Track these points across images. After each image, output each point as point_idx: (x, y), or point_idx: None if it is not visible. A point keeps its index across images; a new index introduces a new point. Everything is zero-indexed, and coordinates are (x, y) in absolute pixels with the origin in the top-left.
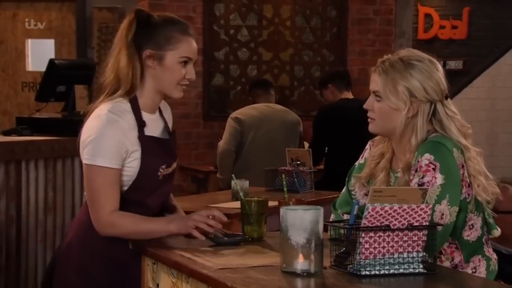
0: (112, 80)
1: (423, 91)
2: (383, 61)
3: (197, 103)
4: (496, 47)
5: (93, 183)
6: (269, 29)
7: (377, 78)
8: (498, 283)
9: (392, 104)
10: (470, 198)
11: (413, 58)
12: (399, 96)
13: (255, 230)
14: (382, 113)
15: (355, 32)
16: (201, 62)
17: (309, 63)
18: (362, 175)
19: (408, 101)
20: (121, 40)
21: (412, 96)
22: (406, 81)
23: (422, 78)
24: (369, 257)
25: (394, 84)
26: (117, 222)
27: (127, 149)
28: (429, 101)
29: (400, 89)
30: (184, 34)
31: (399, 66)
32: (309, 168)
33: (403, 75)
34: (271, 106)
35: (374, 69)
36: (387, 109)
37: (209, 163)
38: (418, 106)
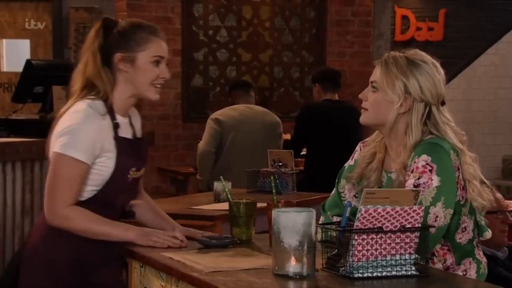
0: (80, 87)
1: (418, 90)
2: (388, 55)
3: (176, 104)
4: (472, 49)
5: (59, 173)
6: (248, 30)
7: (378, 68)
8: (489, 285)
9: (386, 96)
10: (464, 200)
11: (417, 58)
12: (394, 89)
13: (243, 232)
14: (375, 103)
15: (334, 34)
16: (179, 63)
17: (288, 64)
18: (353, 175)
19: (402, 96)
20: (88, 48)
21: (407, 93)
22: (404, 77)
23: (421, 77)
24: (361, 259)
25: (392, 77)
26: (71, 216)
27: (102, 146)
28: (424, 101)
29: (396, 83)
30: (153, 35)
31: (402, 62)
32: (291, 170)
33: (403, 70)
34: (251, 107)
35: (377, 61)
36: (380, 100)
37: (189, 164)
38: (412, 104)
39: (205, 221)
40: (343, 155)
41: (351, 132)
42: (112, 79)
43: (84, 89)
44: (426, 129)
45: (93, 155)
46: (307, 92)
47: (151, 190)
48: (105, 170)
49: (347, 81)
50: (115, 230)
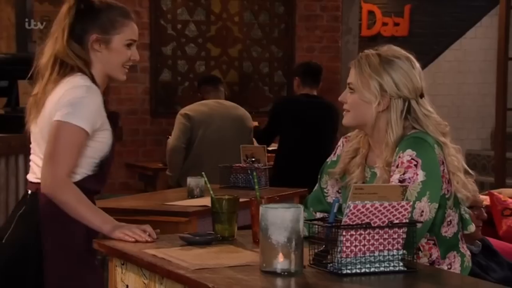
0: (52, 62)
1: (394, 87)
2: (361, 55)
3: (144, 99)
4: (436, 44)
5: (62, 140)
6: (217, 25)
7: (353, 70)
8: (476, 280)
9: (363, 97)
10: (449, 194)
11: (390, 54)
12: (370, 89)
13: (226, 229)
14: (354, 105)
15: (303, 29)
16: (148, 58)
17: (257, 59)
18: (336, 170)
19: (378, 95)
20: (60, 24)
21: (383, 91)
22: (378, 75)
23: (395, 74)
24: (350, 256)
25: (367, 77)
26: (69, 187)
27: (102, 119)
28: (402, 97)
29: (371, 83)
30: (127, 17)
31: (375, 60)
32: (264, 165)
33: (376, 69)
34: (221, 103)
35: (352, 62)
36: (358, 101)
37: (157, 160)
38: (389, 101)
39: (180, 217)
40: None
41: (323, 129)
42: (84, 57)
43: (55, 65)
44: (408, 124)
45: (94, 127)
46: (276, 87)
47: (119, 186)
48: (106, 143)
49: None
50: (94, 219)
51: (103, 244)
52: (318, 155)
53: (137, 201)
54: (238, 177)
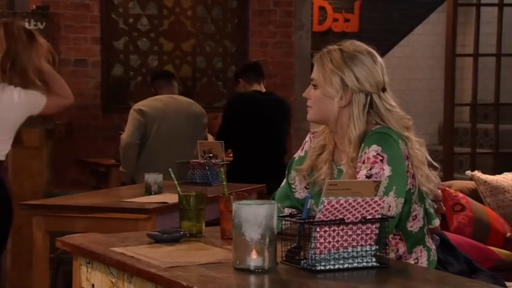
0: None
1: (355, 82)
2: (324, 51)
3: (95, 94)
4: (385, 40)
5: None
6: (170, 19)
7: (316, 65)
8: (451, 275)
9: (325, 92)
10: (414, 189)
11: (352, 49)
12: (332, 84)
13: (194, 226)
14: (316, 100)
15: (256, 24)
16: (99, 52)
17: (211, 54)
18: (303, 167)
19: (340, 90)
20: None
21: (345, 85)
22: (339, 71)
23: (357, 69)
24: (323, 252)
25: (328, 72)
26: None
27: None
28: (363, 92)
29: (333, 78)
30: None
31: (336, 55)
32: (222, 161)
33: (338, 64)
34: (175, 98)
35: (314, 59)
36: (321, 96)
37: (109, 156)
38: (351, 96)
39: (139, 214)
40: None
41: (278, 125)
42: None
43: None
44: (372, 119)
45: None
46: (230, 82)
47: (70, 183)
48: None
49: (269, 72)
50: None
51: (67, 242)
52: (273, 151)
53: (94, 198)
54: (196, 173)
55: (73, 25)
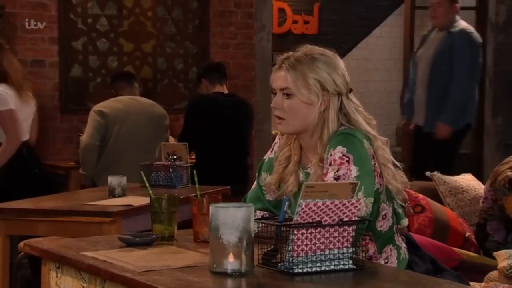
0: None
1: (332, 83)
2: (286, 57)
3: (54, 95)
4: (344, 42)
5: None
6: (129, 19)
7: (285, 74)
8: (426, 276)
9: (304, 98)
10: (382, 188)
11: (316, 52)
12: (311, 89)
13: (166, 229)
14: (293, 110)
15: (217, 25)
16: (57, 52)
17: (172, 55)
18: (271, 181)
19: (320, 94)
20: None
21: (324, 90)
22: (316, 74)
23: (330, 70)
24: (301, 254)
25: (305, 77)
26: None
27: None
28: (338, 93)
29: (311, 82)
30: None
31: (306, 60)
32: (186, 163)
33: (311, 68)
34: (136, 99)
35: (277, 67)
36: (299, 105)
37: (68, 158)
38: (329, 100)
39: (103, 217)
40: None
41: (241, 126)
42: None
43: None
44: (340, 120)
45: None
46: (191, 83)
47: None
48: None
49: (231, 73)
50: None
51: (35, 246)
52: (236, 152)
53: (56, 202)
54: (159, 176)
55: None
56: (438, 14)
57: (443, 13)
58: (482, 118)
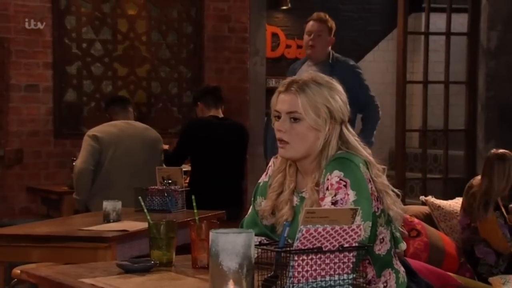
0: None
1: (339, 112)
2: (293, 81)
3: (47, 119)
4: None
5: None
6: (124, 44)
7: (294, 97)
8: None
9: (313, 123)
10: (379, 212)
11: (320, 79)
12: (320, 115)
13: (164, 255)
14: (300, 134)
15: (211, 49)
16: (51, 77)
17: (166, 79)
18: (265, 208)
19: (328, 120)
20: None
21: (332, 118)
22: (325, 101)
23: (337, 98)
24: (301, 281)
25: (315, 103)
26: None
27: None
28: (341, 121)
29: (321, 108)
30: None
31: (315, 85)
32: (181, 187)
33: (321, 94)
34: (131, 124)
35: (283, 89)
36: (305, 130)
37: (61, 183)
38: (334, 127)
39: (98, 243)
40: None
41: (236, 150)
42: None
43: None
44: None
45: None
46: (185, 108)
47: (19, 211)
48: None
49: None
50: None
51: (33, 273)
52: (231, 176)
53: (49, 227)
54: (154, 200)
55: (25, 50)
56: (316, 44)
57: (323, 44)
58: (474, 143)
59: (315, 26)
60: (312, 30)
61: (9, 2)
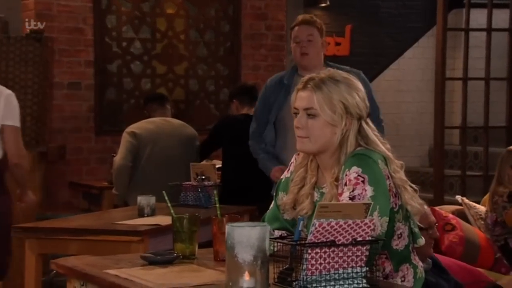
0: None
1: (356, 107)
2: (311, 78)
3: (89, 117)
4: (376, 63)
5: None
6: (162, 42)
7: (310, 94)
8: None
9: (329, 119)
10: (397, 207)
11: (339, 76)
12: (336, 111)
13: (187, 248)
14: (316, 130)
15: (248, 47)
16: (92, 75)
17: (203, 77)
18: (287, 201)
19: (344, 116)
20: None
21: (347, 113)
22: (340, 96)
23: (353, 94)
24: (315, 273)
25: (330, 99)
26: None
27: None
28: (359, 117)
29: (337, 104)
30: None
31: (330, 82)
32: (214, 183)
33: (336, 90)
34: (168, 121)
35: (301, 87)
36: (322, 126)
37: (101, 178)
38: (351, 123)
39: (132, 236)
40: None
41: None
42: None
43: None
44: (358, 141)
45: None
46: (222, 104)
47: (62, 205)
48: None
49: None
50: None
51: (62, 264)
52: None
53: (86, 221)
54: (188, 195)
55: (67, 49)
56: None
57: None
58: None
59: (303, 30)
60: (300, 35)
61: (52, 2)
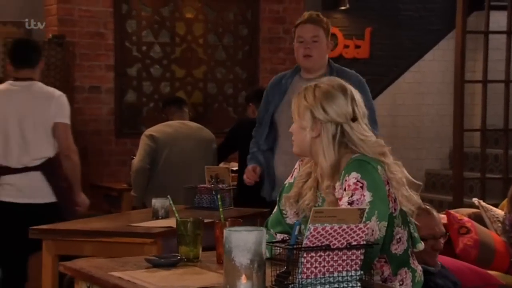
0: None
1: (323, 113)
2: (302, 88)
3: (109, 119)
4: (396, 66)
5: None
6: (181, 46)
7: (293, 103)
8: None
9: (300, 124)
10: (396, 212)
11: (325, 84)
12: (305, 116)
13: (191, 251)
14: (295, 133)
15: (266, 51)
16: (113, 78)
17: (222, 80)
18: (291, 194)
19: (310, 121)
20: None
21: (314, 117)
22: (310, 106)
23: (326, 102)
24: (310, 276)
25: (302, 108)
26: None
27: None
28: (331, 122)
29: (305, 112)
30: None
31: (309, 90)
32: (228, 186)
33: (310, 100)
34: (185, 124)
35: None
36: (297, 129)
37: (122, 180)
38: (321, 127)
39: (145, 238)
40: None
41: None
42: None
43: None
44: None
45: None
46: (240, 108)
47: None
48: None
49: None
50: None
51: (69, 267)
52: None
53: (102, 223)
54: (203, 198)
55: (88, 53)
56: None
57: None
58: None
59: (308, 30)
60: (305, 35)
61: (73, 7)
